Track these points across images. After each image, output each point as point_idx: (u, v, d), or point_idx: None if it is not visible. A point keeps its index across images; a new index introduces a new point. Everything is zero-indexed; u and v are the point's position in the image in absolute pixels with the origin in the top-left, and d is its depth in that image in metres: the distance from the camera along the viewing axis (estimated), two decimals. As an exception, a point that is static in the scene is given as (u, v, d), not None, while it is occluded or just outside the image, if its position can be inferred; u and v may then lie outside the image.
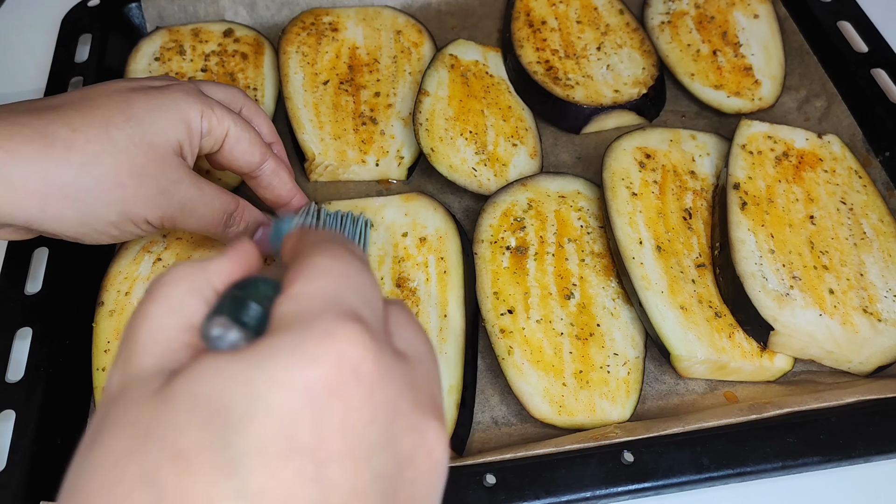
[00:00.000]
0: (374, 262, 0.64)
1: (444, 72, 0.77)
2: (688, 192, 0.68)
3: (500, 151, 0.73)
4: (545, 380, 0.58)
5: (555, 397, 0.57)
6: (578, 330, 0.60)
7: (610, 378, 0.59)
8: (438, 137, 0.72)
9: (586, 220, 0.67)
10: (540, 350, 0.59)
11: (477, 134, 0.74)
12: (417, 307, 0.61)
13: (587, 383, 0.58)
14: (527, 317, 0.60)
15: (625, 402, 0.58)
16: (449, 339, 0.60)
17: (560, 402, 0.57)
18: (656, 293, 0.61)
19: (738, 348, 0.60)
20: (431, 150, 0.71)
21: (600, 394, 0.58)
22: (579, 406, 0.57)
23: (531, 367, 0.58)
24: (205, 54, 0.80)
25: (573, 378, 0.58)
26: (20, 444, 0.55)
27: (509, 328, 0.60)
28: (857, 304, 0.61)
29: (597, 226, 0.67)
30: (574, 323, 0.61)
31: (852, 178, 0.69)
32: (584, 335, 0.60)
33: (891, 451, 0.55)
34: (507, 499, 0.52)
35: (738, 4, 0.84)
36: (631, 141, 0.70)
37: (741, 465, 0.53)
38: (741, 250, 0.62)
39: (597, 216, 0.67)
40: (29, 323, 0.61)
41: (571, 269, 0.64)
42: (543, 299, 0.62)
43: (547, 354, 0.59)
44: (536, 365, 0.58)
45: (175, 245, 0.66)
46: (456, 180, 0.70)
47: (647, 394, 0.61)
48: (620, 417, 0.58)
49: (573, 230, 0.66)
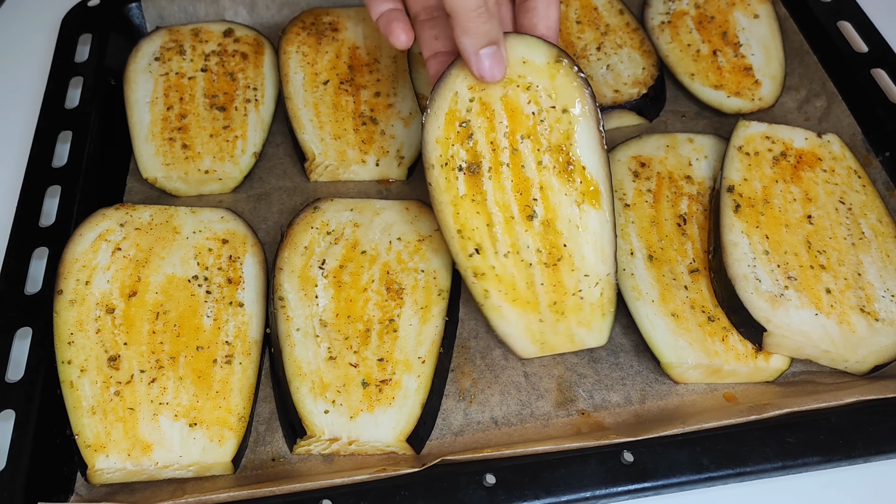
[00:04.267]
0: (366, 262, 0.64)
1: (424, 71, 0.76)
2: (683, 198, 0.69)
3: None
4: (524, 318, 0.59)
5: (536, 335, 0.59)
6: (546, 255, 0.59)
7: (583, 304, 0.59)
8: None
9: (537, 101, 0.58)
10: (513, 287, 0.59)
11: None
12: (400, 310, 0.62)
13: (562, 314, 0.59)
14: (494, 251, 0.59)
15: (601, 325, 0.60)
16: (424, 344, 0.60)
17: (541, 339, 0.59)
18: (646, 302, 0.61)
19: (732, 351, 0.60)
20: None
21: (577, 322, 0.59)
22: (559, 339, 0.59)
23: (509, 308, 0.59)
24: (205, 54, 0.81)
25: (549, 310, 0.59)
26: (20, 444, 0.55)
27: (481, 269, 0.59)
28: (855, 303, 0.61)
29: (549, 106, 0.58)
30: (541, 248, 0.59)
31: (851, 177, 0.69)
32: (552, 260, 0.59)
33: (891, 451, 0.55)
34: (507, 499, 0.52)
35: (738, 4, 0.84)
36: (626, 151, 0.71)
37: (741, 465, 0.54)
38: (733, 253, 0.62)
39: (548, 91, 0.58)
40: (29, 323, 0.61)
41: (530, 178, 0.58)
42: (507, 225, 0.59)
43: (521, 290, 0.59)
44: (513, 304, 0.59)
45: (134, 235, 0.65)
46: None
47: (646, 394, 0.61)
48: (598, 342, 0.60)
49: (525, 121, 0.58)
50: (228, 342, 0.61)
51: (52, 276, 0.62)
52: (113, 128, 0.77)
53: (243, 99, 0.78)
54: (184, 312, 0.61)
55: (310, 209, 0.68)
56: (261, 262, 0.66)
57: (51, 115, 0.75)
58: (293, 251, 0.65)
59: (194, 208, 0.68)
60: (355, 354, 0.60)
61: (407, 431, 0.56)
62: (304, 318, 0.61)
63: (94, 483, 0.56)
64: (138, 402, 0.57)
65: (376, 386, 0.58)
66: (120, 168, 0.76)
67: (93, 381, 0.57)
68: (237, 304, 0.63)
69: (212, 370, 0.59)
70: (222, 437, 0.56)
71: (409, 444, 0.56)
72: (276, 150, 0.78)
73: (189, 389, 0.58)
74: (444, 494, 0.52)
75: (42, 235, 0.66)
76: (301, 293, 0.62)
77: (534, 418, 0.60)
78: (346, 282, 0.63)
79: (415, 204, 0.69)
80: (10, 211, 0.69)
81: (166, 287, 0.63)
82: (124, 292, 0.62)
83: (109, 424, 0.56)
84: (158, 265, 0.64)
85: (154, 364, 0.59)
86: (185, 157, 0.73)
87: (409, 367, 0.59)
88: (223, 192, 0.75)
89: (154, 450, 0.55)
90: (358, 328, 0.61)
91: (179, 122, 0.75)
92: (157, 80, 0.78)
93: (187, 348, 0.60)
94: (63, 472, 0.57)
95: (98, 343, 0.59)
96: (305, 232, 0.66)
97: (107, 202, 0.68)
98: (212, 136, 0.75)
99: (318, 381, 0.58)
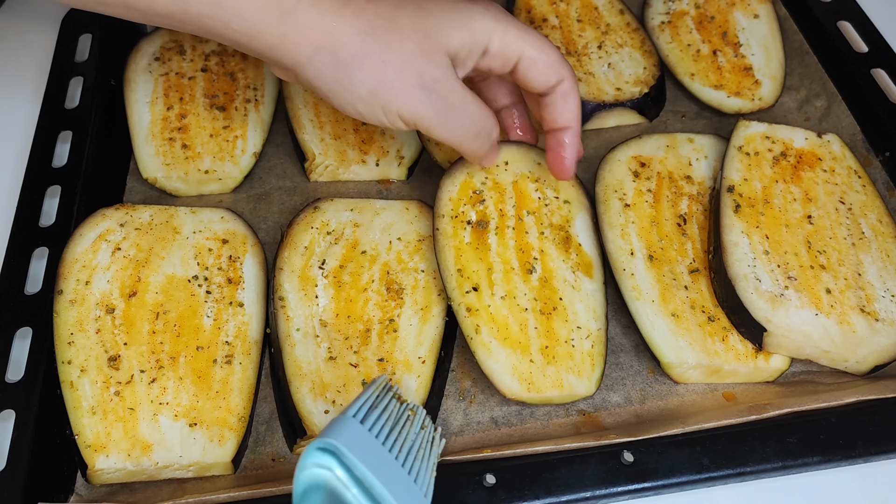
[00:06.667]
0: (366, 262, 0.65)
1: None
2: (683, 198, 0.69)
3: None
4: (513, 357, 0.58)
5: (524, 374, 0.58)
6: (542, 304, 0.61)
7: (574, 352, 0.59)
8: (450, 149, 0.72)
9: (543, 191, 0.66)
10: (506, 327, 0.59)
11: None
12: (400, 310, 0.62)
13: (553, 359, 0.59)
14: (491, 293, 0.60)
15: (590, 375, 0.59)
16: (424, 344, 0.60)
17: (528, 378, 0.58)
18: (647, 303, 0.61)
19: (733, 351, 0.60)
20: (448, 161, 0.72)
21: (566, 368, 0.59)
22: (547, 382, 0.58)
23: (499, 345, 0.59)
24: (205, 54, 0.81)
25: (539, 354, 0.59)
26: (20, 444, 0.55)
27: (475, 306, 0.60)
28: (855, 303, 0.61)
29: (553, 197, 0.66)
30: (537, 297, 0.61)
31: (851, 177, 0.69)
32: (547, 309, 0.60)
33: (891, 451, 0.55)
34: (507, 499, 0.52)
35: (738, 4, 0.84)
36: (626, 151, 0.71)
37: (741, 465, 0.54)
38: (734, 253, 0.62)
39: (554, 187, 0.66)
40: (29, 323, 0.61)
41: (532, 243, 0.63)
42: (507, 274, 0.61)
43: (513, 331, 0.59)
44: (504, 342, 0.59)
45: (134, 235, 0.65)
46: None
47: (647, 394, 0.61)
48: (587, 391, 0.59)
49: (531, 202, 0.65)
50: (228, 342, 0.61)
51: (52, 276, 0.62)
52: (113, 128, 0.77)
53: (243, 99, 0.78)
54: (184, 312, 0.61)
55: (310, 209, 0.68)
56: (261, 262, 0.66)
57: (51, 115, 0.75)
58: (293, 251, 0.65)
59: (194, 208, 0.68)
60: (355, 354, 0.60)
61: (407, 431, 0.56)
62: (305, 318, 0.61)
63: (94, 483, 0.56)
64: (138, 402, 0.57)
65: (376, 386, 0.58)
66: (120, 168, 0.76)
67: (93, 381, 0.57)
68: (237, 304, 0.63)
69: (212, 370, 0.59)
70: (222, 437, 0.56)
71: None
72: (276, 150, 0.78)
73: (189, 389, 0.58)
74: (444, 494, 0.52)
75: (42, 235, 0.66)
76: (301, 293, 0.62)
77: (534, 418, 0.60)
78: (346, 282, 0.63)
79: (415, 204, 0.69)
80: (10, 211, 0.69)
81: (166, 287, 0.63)
82: (124, 292, 0.62)
83: (109, 424, 0.56)
84: (158, 265, 0.64)
85: (154, 364, 0.59)
86: (185, 157, 0.73)
87: (410, 367, 0.59)
88: (223, 192, 0.75)
89: (154, 450, 0.55)
90: (358, 328, 0.61)
91: (179, 122, 0.75)
92: (157, 80, 0.78)
93: (187, 348, 0.60)
94: (63, 472, 0.57)
95: (98, 343, 0.59)
96: (305, 232, 0.66)
97: (107, 202, 0.68)
98: (212, 136, 0.75)
99: (318, 381, 0.58)
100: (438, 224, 0.63)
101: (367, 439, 0.45)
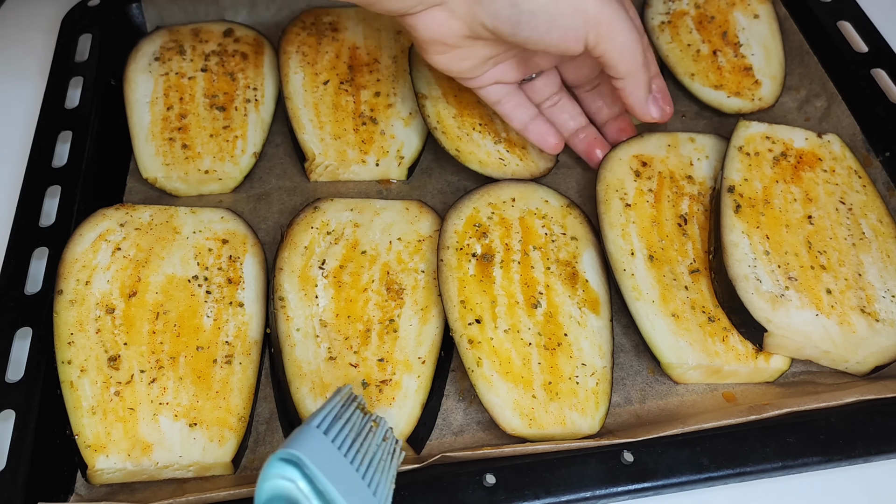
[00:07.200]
0: (366, 262, 0.64)
1: (425, 70, 0.76)
2: (684, 198, 0.69)
3: (513, 136, 0.74)
4: (515, 392, 0.57)
5: (525, 410, 0.57)
6: (546, 340, 0.60)
7: (579, 389, 0.58)
8: (456, 136, 0.72)
9: (550, 228, 0.66)
10: (509, 361, 0.58)
11: (485, 124, 0.74)
12: (400, 310, 0.62)
13: (556, 395, 0.58)
14: (494, 326, 0.60)
15: (594, 413, 0.57)
16: (424, 344, 0.60)
17: (530, 414, 0.57)
18: (647, 303, 0.61)
19: (733, 351, 0.60)
20: (457, 151, 0.71)
21: (570, 405, 0.57)
22: (549, 418, 0.57)
23: (500, 379, 0.58)
24: (205, 54, 0.81)
25: (542, 390, 0.58)
26: (20, 444, 0.55)
27: (477, 338, 0.59)
28: (855, 303, 0.61)
29: (560, 233, 0.66)
30: (542, 332, 0.60)
31: (852, 177, 0.69)
32: (551, 345, 0.60)
33: (891, 451, 0.55)
34: (507, 499, 0.52)
35: (738, 4, 0.84)
36: (627, 150, 0.71)
37: (741, 465, 0.53)
38: (734, 253, 0.62)
39: (561, 224, 0.67)
40: (29, 323, 0.61)
41: (537, 278, 0.63)
42: (511, 308, 0.61)
43: (516, 365, 0.58)
44: (506, 376, 0.58)
45: (134, 235, 0.65)
46: (490, 174, 0.71)
47: (647, 394, 0.61)
48: (590, 429, 0.57)
49: (537, 238, 0.65)
50: (228, 342, 0.61)
51: (52, 276, 0.62)
52: (113, 128, 0.77)
53: (243, 99, 0.78)
54: (184, 312, 0.61)
55: (310, 209, 0.68)
56: (261, 262, 0.66)
57: (51, 115, 0.75)
58: (293, 251, 0.65)
59: (194, 208, 0.68)
60: (355, 355, 0.60)
61: (407, 432, 0.56)
62: (304, 318, 0.61)
63: (94, 483, 0.56)
64: (138, 402, 0.57)
65: (376, 386, 0.58)
66: (120, 168, 0.76)
67: (93, 381, 0.57)
68: (237, 304, 0.63)
69: (212, 370, 0.59)
70: (222, 437, 0.56)
71: (409, 444, 0.56)
72: (276, 150, 0.78)
73: (189, 389, 0.58)
74: (444, 494, 0.52)
75: (42, 235, 0.66)
76: (301, 293, 0.62)
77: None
78: (346, 282, 0.63)
79: (415, 204, 0.69)
80: (10, 211, 0.69)
81: (166, 287, 0.63)
82: (124, 292, 0.62)
83: (109, 424, 0.56)
84: (158, 265, 0.64)
85: (154, 364, 0.59)
86: (185, 157, 0.73)
87: (410, 367, 0.59)
88: (223, 192, 0.74)
89: (154, 450, 0.55)
90: (358, 328, 0.61)
91: (179, 122, 0.75)
92: (157, 80, 0.78)
93: (187, 348, 0.60)
94: (63, 472, 0.57)
95: (98, 343, 0.59)
96: (305, 232, 0.66)
97: (107, 202, 0.68)
98: (212, 136, 0.75)
99: (318, 382, 0.58)
100: (443, 255, 0.63)
101: (329, 451, 0.45)
